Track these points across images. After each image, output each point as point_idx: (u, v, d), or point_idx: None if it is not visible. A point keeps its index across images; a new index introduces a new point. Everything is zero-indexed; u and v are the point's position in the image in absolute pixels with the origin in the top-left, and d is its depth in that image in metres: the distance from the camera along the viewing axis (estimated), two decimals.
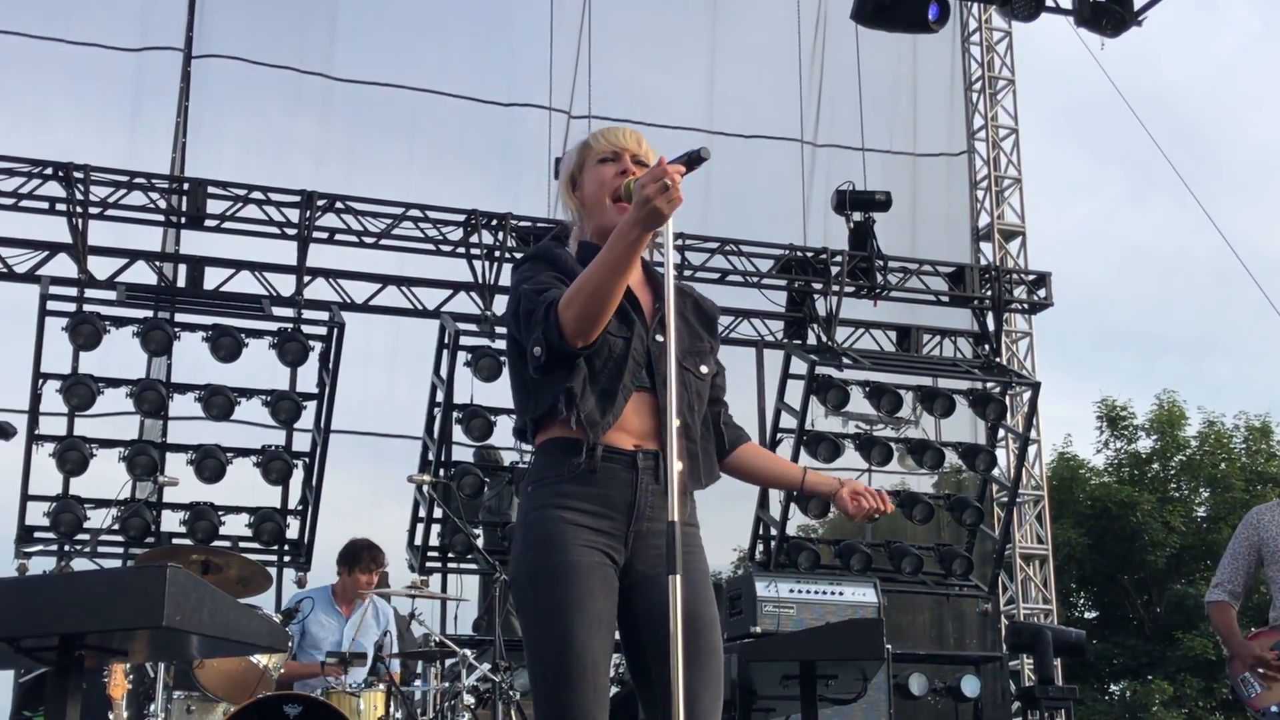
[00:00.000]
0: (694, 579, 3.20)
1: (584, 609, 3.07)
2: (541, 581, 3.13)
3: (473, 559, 10.08)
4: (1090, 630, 23.90)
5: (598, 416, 3.17)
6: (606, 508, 3.17)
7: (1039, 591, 13.52)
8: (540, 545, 3.15)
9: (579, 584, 3.09)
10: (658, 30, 13.65)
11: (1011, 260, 13.86)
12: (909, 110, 14.18)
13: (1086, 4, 10.77)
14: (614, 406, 3.20)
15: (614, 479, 3.18)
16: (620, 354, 3.22)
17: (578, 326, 3.10)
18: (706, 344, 3.43)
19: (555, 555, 3.12)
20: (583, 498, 3.17)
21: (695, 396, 3.33)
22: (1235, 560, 6.35)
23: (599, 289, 3.07)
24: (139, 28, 11.48)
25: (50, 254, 9.92)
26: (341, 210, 10.56)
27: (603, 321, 3.12)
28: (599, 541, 3.15)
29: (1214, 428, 27.23)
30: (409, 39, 12.73)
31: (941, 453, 11.59)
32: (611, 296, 3.09)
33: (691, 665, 3.10)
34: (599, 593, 3.11)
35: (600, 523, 3.16)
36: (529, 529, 3.20)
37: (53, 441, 9.23)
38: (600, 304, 3.08)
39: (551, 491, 3.19)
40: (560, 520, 3.15)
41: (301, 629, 7.37)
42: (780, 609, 9.36)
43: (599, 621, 3.09)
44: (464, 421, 10.06)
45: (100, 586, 3.54)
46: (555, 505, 3.17)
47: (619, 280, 3.08)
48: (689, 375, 3.32)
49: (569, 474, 3.18)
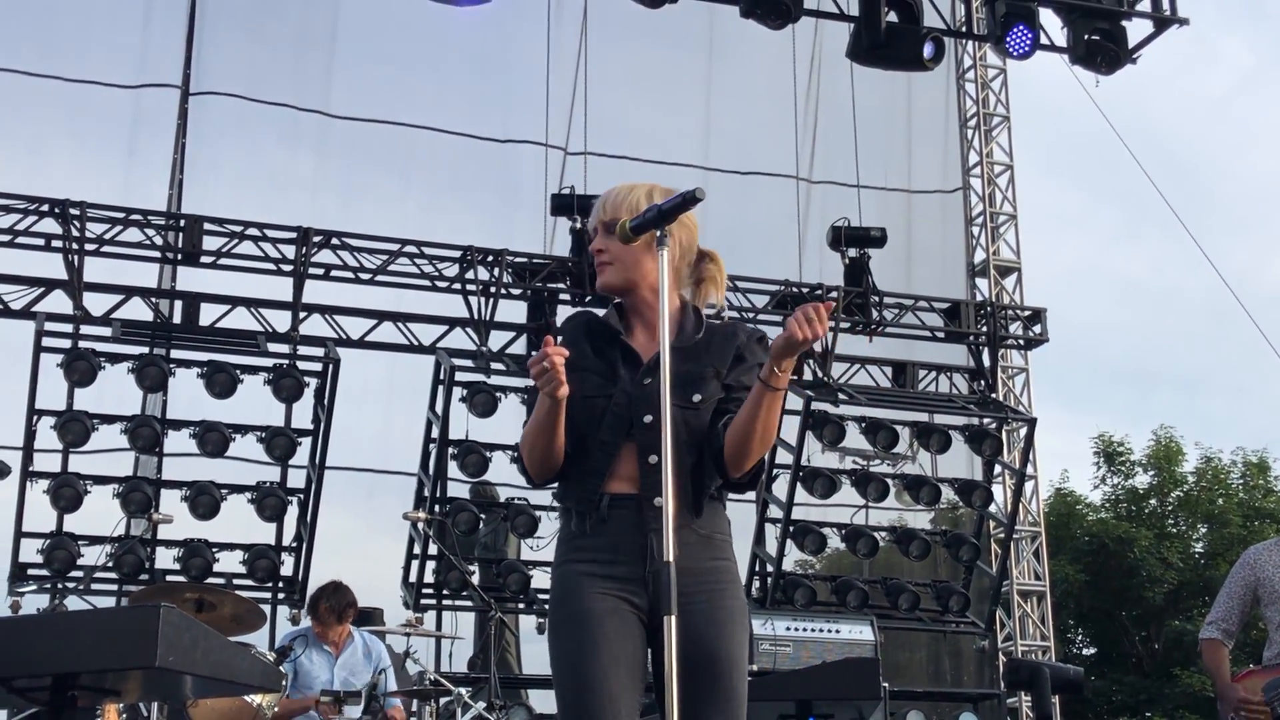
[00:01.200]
0: (718, 617, 3.24)
1: (599, 650, 3.16)
2: (561, 630, 3.24)
3: (468, 596, 10.03)
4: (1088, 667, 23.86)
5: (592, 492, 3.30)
6: (618, 554, 3.25)
7: (1036, 628, 13.48)
8: (560, 598, 3.30)
9: (594, 628, 3.18)
10: (654, 67, 13.70)
11: (1007, 296, 13.88)
12: (904, 147, 14.23)
13: (1081, 42, 10.82)
14: (596, 469, 3.30)
15: (623, 525, 3.26)
16: (599, 414, 3.32)
17: (536, 469, 3.35)
18: (711, 369, 3.39)
19: (572, 605, 3.24)
20: (595, 548, 3.28)
21: (681, 427, 3.29)
22: (1230, 600, 6.33)
23: (533, 447, 3.31)
24: (136, 65, 11.52)
25: (46, 290, 9.91)
26: (337, 246, 10.56)
27: (553, 461, 3.31)
28: (614, 588, 3.23)
29: (1211, 464, 27.23)
30: (405, 76, 12.77)
31: (938, 489, 11.56)
32: (547, 448, 3.29)
33: (708, 706, 3.13)
34: (614, 635, 3.18)
35: (614, 569, 3.24)
36: (553, 585, 3.37)
37: (47, 478, 9.20)
38: (538, 456, 3.32)
39: (570, 547, 3.34)
40: (576, 574, 3.28)
41: (294, 668, 7.33)
42: (777, 647, 9.33)
43: (616, 661, 3.16)
44: (459, 458, 10.04)
45: (93, 626, 3.52)
46: (572, 560, 3.31)
47: (546, 439, 3.27)
48: (675, 409, 3.25)
49: (582, 528, 3.31)
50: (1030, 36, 10.73)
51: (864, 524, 11.36)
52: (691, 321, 3.43)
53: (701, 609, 3.21)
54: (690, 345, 3.37)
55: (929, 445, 11.51)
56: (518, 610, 10.43)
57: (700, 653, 3.14)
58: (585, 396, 3.30)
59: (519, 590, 10.14)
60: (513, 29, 12.89)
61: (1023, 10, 10.68)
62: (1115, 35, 10.91)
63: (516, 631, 10.98)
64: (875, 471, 11.43)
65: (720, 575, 3.30)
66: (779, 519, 11.03)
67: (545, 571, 10.34)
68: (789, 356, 3.17)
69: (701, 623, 3.19)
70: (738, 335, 3.47)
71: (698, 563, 3.24)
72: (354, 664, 7.49)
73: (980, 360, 12.43)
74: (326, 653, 7.54)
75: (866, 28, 10.45)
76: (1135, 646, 26.34)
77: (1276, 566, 6.21)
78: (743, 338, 3.47)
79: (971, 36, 13.09)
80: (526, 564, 10.25)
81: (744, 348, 3.44)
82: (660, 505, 3.14)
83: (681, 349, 3.33)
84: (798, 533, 11.00)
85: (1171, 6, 11.07)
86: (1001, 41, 10.78)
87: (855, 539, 11.22)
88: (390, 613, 9.73)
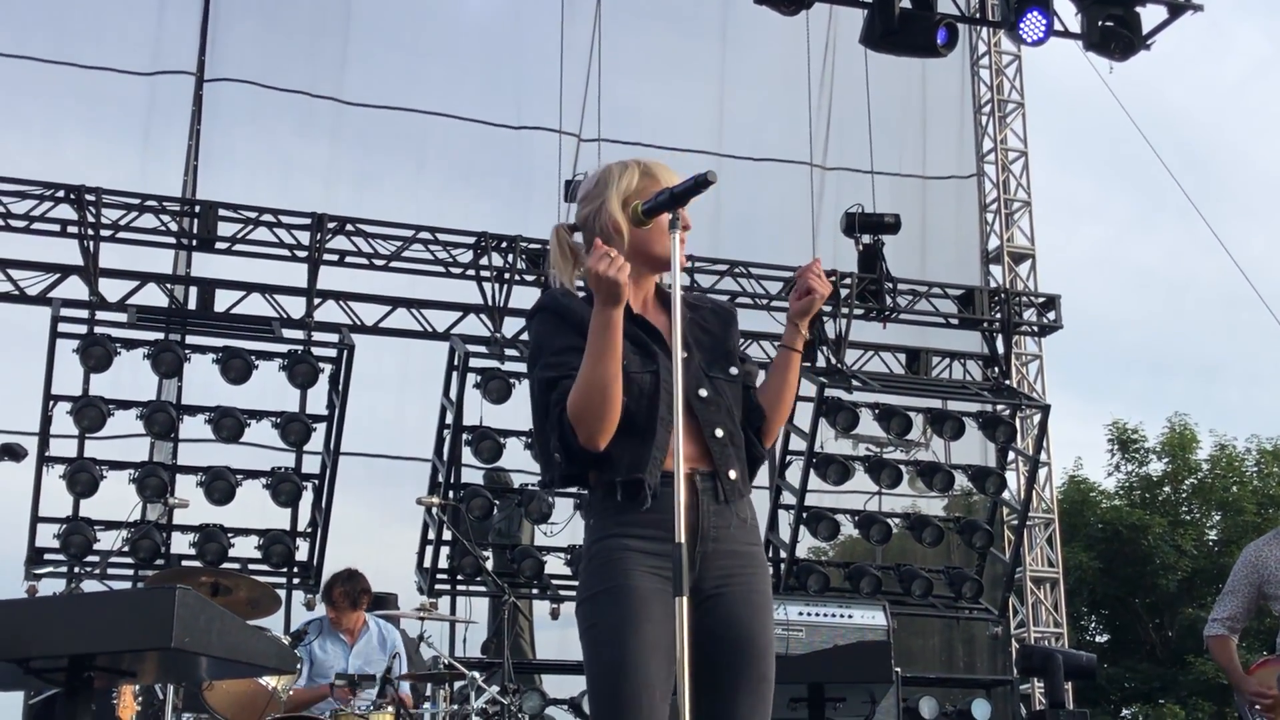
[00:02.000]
0: (753, 601, 3.23)
1: (640, 632, 3.08)
2: (600, 604, 3.15)
3: (481, 581, 10.07)
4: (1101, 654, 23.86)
5: (645, 462, 3.18)
6: (669, 531, 3.04)
7: (1050, 615, 13.48)
8: (601, 571, 3.17)
9: (637, 607, 3.10)
10: (667, 53, 13.70)
11: (1021, 283, 13.86)
12: (918, 133, 14.20)
13: (1095, 28, 10.79)
14: (657, 441, 3.20)
15: (672, 503, 3.08)
16: (651, 389, 3.23)
17: (591, 429, 3.13)
18: (732, 344, 3.42)
19: (614, 579, 3.14)
20: (645, 524, 3.16)
21: (734, 402, 3.33)
22: (1235, 596, 6.34)
23: (595, 383, 3.10)
24: (151, 52, 11.55)
25: (62, 276, 9.96)
26: (352, 233, 10.59)
27: (614, 414, 3.13)
28: (663, 567, 3.10)
29: (1225, 451, 27.17)
30: (419, 63, 12.78)
31: (951, 475, 11.56)
32: (608, 386, 3.11)
33: (743, 690, 3.14)
34: (657, 617, 3.09)
35: (661, 546, 3.10)
36: (592, 558, 3.21)
37: (63, 463, 9.24)
38: (603, 398, 3.11)
39: (614, 521, 3.20)
40: (623, 548, 3.16)
41: (309, 655, 7.35)
42: (789, 631, 9.35)
43: (655, 645, 3.08)
44: (473, 444, 10.07)
45: (110, 608, 3.55)
46: (618, 534, 3.18)
47: (609, 369, 3.10)
48: (720, 383, 3.31)
49: (629, 504, 3.18)
50: (1045, 22, 10.71)
51: (877, 510, 11.37)
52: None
53: (740, 592, 3.20)
54: (694, 320, 3.38)
55: (942, 432, 11.51)
56: (531, 596, 10.46)
57: (736, 634, 3.13)
58: (631, 372, 3.20)
59: (533, 576, 10.17)
60: (526, 15, 12.90)
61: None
62: (1129, 21, 10.88)
63: (530, 617, 11.01)
64: (889, 458, 11.44)
65: (756, 560, 3.29)
66: (792, 505, 11.04)
67: (559, 557, 10.38)
68: (807, 316, 3.27)
69: (739, 605, 3.17)
70: (732, 313, 3.52)
71: (739, 545, 3.23)
72: (369, 652, 7.51)
73: (994, 347, 12.42)
74: (342, 642, 7.56)
75: (880, 13, 10.44)
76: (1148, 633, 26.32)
77: (1279, 562, 6.21)
78: (734, 315, 3.53)
79: (985, 22, 13.05)
80: (540, 549, 10.28)
81: (737, 325, 3.50)
82: (735, 477, 3.22)
83: (692, 324, 3.37)
84: (811, 519, 11.01)
85: None
86: (1015, 27, 10.76)
87: (868, 525, 11.23)
88: (404, 598, 9.75)
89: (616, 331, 3.10)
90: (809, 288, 3.24)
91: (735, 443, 3.29)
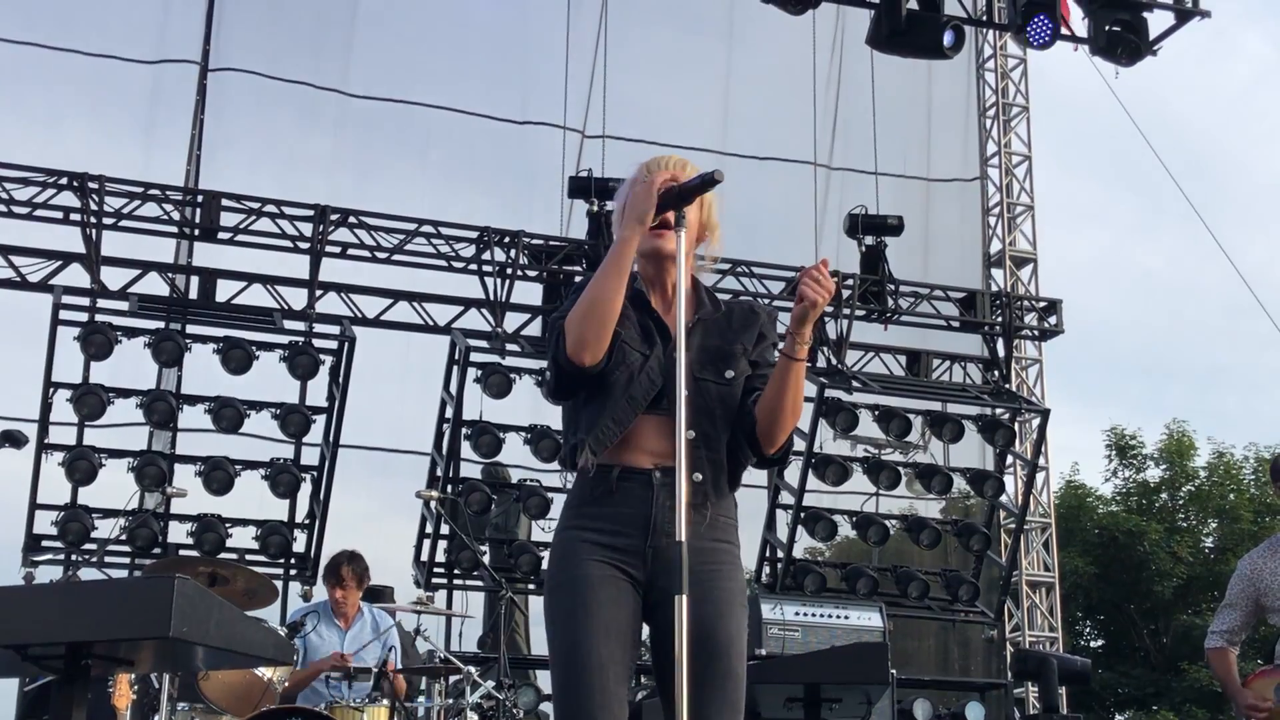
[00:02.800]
0: (716, 597, 3.25)
1: (591, 614, 3.19)
2: (556, 593, 3.28)
3: (478, 576, 10.07)
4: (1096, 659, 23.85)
5: (607, 439, 3.27)
6: (622, 525, 3.26)
7: (1045, 619, 13.49)
8: (558, 562, 3.31)
9: (588, 593, 3.21)
10: (673, 51, 13.70)
11: (1022, 286, 13.87)
12: (923, 134, 14.20)
13: (1102, 32, 10.78)
14: (617, 416, 3.27)
15: (630, 498, 3.26)
16: (635, 367, 3.30)
17: (580, 336, 3.21)
18: (739, 346, 3.42)
19: (569, 570, 3.26)
20: (600, 518, 3.28)
21: (717, 403, 3.35)
22: (1234, 610, 6.33)
23: (596, 295, 3.20)
24: (155, 40, 11.55)
25: (63, 264, 9.95)
26: (354, 225, 10.58)
27: (604, 333, 3.21)
28: (614, 558, 3.25)
29: (1223, 458, 27.15)
30: (424, 56, 12.79)
31: (950, 478, 11.56)
32: (608, 302, 3.20)
33: (705, 686, 3.12)
34: (609, 601, 3.21)
35: (616, 540, 3.25)
36: (553, 549, 3.38)
37: (62, 451, 9.24)
38: (599, 310, 3.19)
39: (574, 514, 3.33)
40: (577, 540, 3.28)
41: (304, 643, 7.36)
42: (786, 631, 9.35)
43: (608, 628, 3.18)
44: (473, 438, 10.07)
45: (108, 596, 3.54)
46: (575, 526, 3.31)
47: (612, 283, 3.20)
48: (708, 384, 3.34)
49: (590, 496, 3.30)
50: (1051, 26, 10.69)
51: (875, 512, 11.37)
52: (706, 296, 3.47)
53: (702, 589, 3.19)
54: (712, 321, 3.41)
55: (941, 434, 11.51)
56: (528, 591, 10.46)
57: (698, 632, 3.10)
58: (625, 342, 3.29)
59: (530, 571, 10.17)
60: (532, 10, 12.91)
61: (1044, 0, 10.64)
62: (1136, 26, 10.86)
63: (526, 612, 11.00)
64: (887, 459, 11.45)
65: (720, 556, 3.31)
66: (790, 505, 11.04)
67: None
68: (806, 324, 3.25)
69: (701, 602, 3.16)
70: (758, 314, 3.53)
71: (698, 541, 3.22)
72: (363, 638, 7.52)
73: (994, 350, 12.42)
74: (337, 626, 7.57)
75: (887, 14, 10.41)
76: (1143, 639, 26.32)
77: (1274, 574, 6.19)
78: (763, 316, 3.53)
79: (992, 25, 13.02)
80: (538, 545, 10.27)
81: (765, 326, 3.50)
82: (701, 480, 3.25)
83: (706, 323, 3.39)
84: (809, 519, 11.01)
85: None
86: (1022, 31, 10.74)
87: (866, 526, 11.23)
88: (401, 591, 9.76)
89: (628, 250, 3.23)
90: (801, 295, 3.23)
91: (709, 445, 3.32)
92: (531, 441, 10.16)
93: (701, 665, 3.13)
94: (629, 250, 3.23)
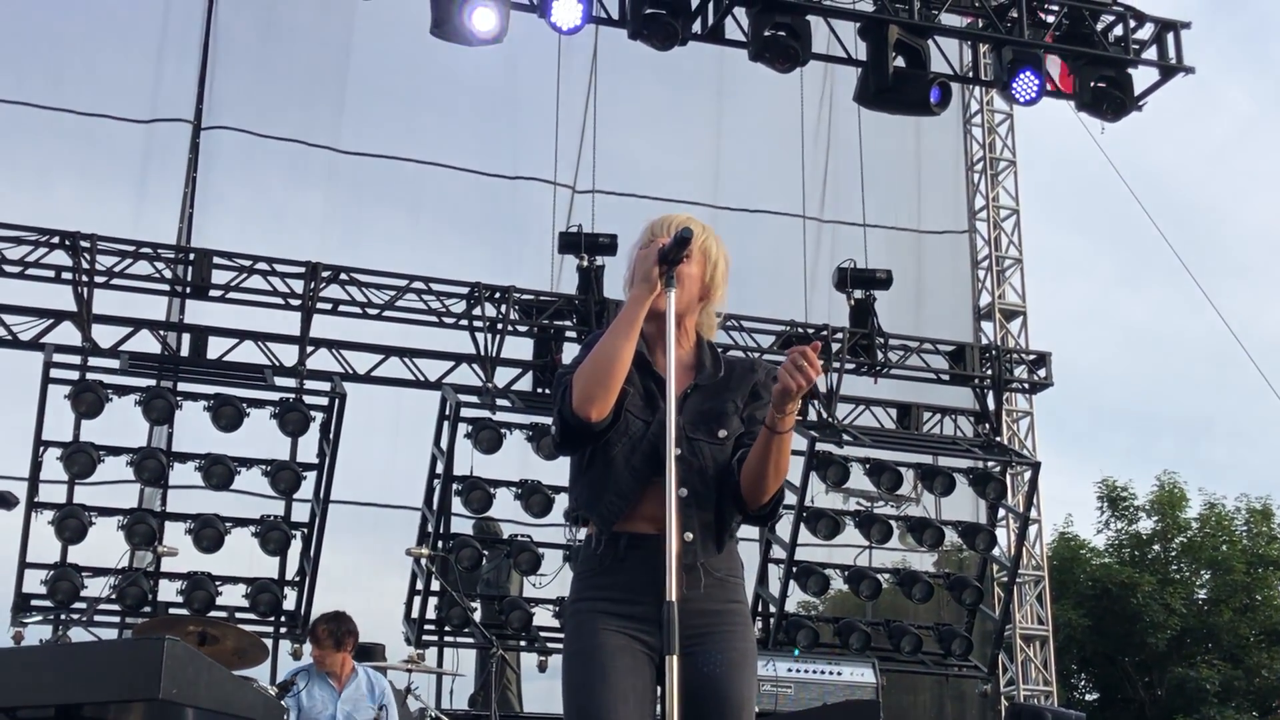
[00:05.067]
0: (731, 659, 3.28)
1: (609, 683, 3.19)
2: (574, 664, 3.28)
3: (469, 633, 10.02)
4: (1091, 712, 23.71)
5: (613, 515, 3.29)
6: (634, 593, 3.26)
7: (1039, 672, 13.43)
8: (574, 632, 3.33)
9: (605, 662, 3.22)
10: (663, 106, 13.77)
11: (1012, 340, 13.89)
12: (913, 188, 14.27)
13: (1088, 89, 10.86)
14: (621, 490, 3.29)
15: (639, 566, 3.26)
16: (637, 437, 3.32)
17: (587, 391, 3.22)
18: (732, 404, 3.43)
19: (584, 640, 3.27)
20: (612, 587, 3.30)
21: (710, 462, 3.36)
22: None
23: (604, 353, 3.22)
24: (149, 99, 11.60)
25: (55, 322, 9.96)
26: (345, 281, 10.61)
27: (611, 389, 3.22)
28: (629, 627, 3.25)
29: (1215, 509, 27.10)
30: (415, 113, 12.83)
31: (941, 531, 11.55)
32: (616, 360, 3.21)
33: None
34: (625, 669, 3.22)
35: (630, 609, 3.26)
36: (568, 619, 3.39)
37: (52, 509, 9.22)
38: (607, 368, 3.21)
39: (587, 584, 3.35)
40: (592, 611, 3.30)
41: (296, 704, 7.31)
42: (779, 688, 9.31)
43: (625, 694, 3.19)
44: (463, 493, 10.05)
45: (97, 658, 3.53)
46: (588, 597, 3.33)
47: (621, 342, 3.22)
48: (701, 444, 3.34)
49: (599, 567, 3.32)
50: (1037, 82, 10.77)
51: (867, 565, 11.35)
52: (709, 357, 3.47)
53: (715, 651, 3.24)
54: (711, 382, 3.42)
55: (933, 487, 11.50)
56: (519, 648, 10.41)
57: (713, 693, 3.17)
58: (628, 410, 3.31)
59: (521, 627, 10.12)
60: (523, 67, 12.95)
61: (1029, 56, 10.73)
62: (1121, 83, 10.95)
63: (518, 669, 10.95)
64: (879, 513, 11.43)
65: (734, 618, 3.33)
66: (782, 559, 11.02)
67: (547, 609, 10.34)
68: (787, 403, 3.22)
69: (714, 663, 3.22)
70: (756, 371, 3.53)
71: (713, 604, 3.27)
72: (357, 699, 7.46)
73: (985, 403, 12.44)
74: (330, 687, 7.50)
75: (874, 72, 10.49)
76: (1138, 692, 26.18)
77: None
78: (760, 375, 3.52)
79: (978, 82, 13.13)
80: (529, 601, 10.24)
81: (761, 385, 3.49)
82: (691, 540, 3.26)
83: (704, 388, 3.40)
84: (801, 573, 10.98)
85: (1178, 55, 11.11)
86: (1008, 87, 10.82)
87: (858, 580, 11.20)
88: (392, 648, 9.69)
89: (638, 312, 3.25)
90: (781, 382, 3.19)
91: (700, 504, 3.33)
92: (522, 496, 10.14)
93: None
94: (639, 311, 3.25)
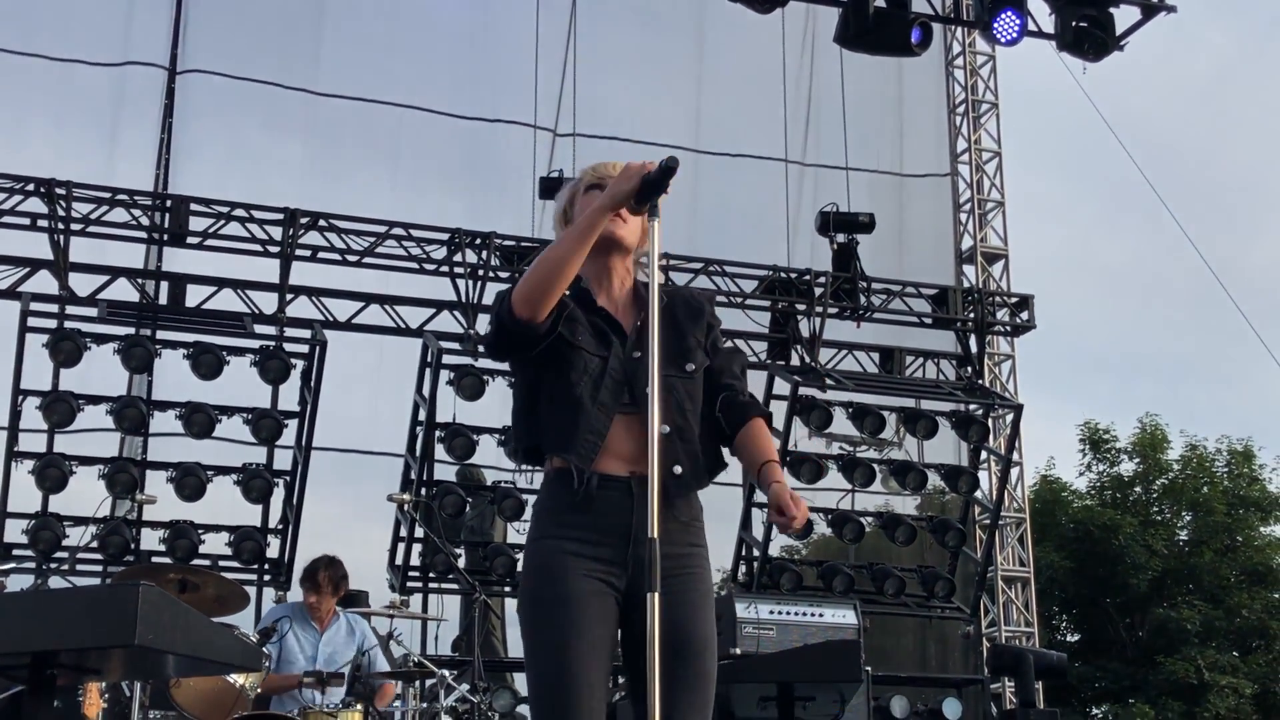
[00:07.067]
0: (690, 599, 3.26)
1: (580, 636, 3.16)
2: (541, 610, 3.22)
3: (453, 579, 10.01)
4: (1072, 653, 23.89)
5: (590, 453, 3.24)
6: (603, 534, 3.23)
7: (1021, 614, 13.51)
8: (540, 574, 3.25)
9: (576, 613, 3.18)
10: (643, 49, 13.67)
11: (994, 283, 13.88)
12: (895, 131, 14.21)
13: (1069, 28, 10.80)
14: (594, 427, 3.25)
15: (609, 506, 3.24)
16: (597, 373, 3.28)
17: (528, 290, 3.18)
18: (693, 339, 3.43)
19: (554, 585, 3.21)
20: (580, 526, 3.24)
21: (686, 398, 3.36)
22: None
23: (552, 255, 3.19)
24: (120, 43, 11.45)
25: (31, 270, 9.87)
26: (325, 228, 10.53)
27: (554, 291, 3.17)
28: (597, 569, 3.22)
29: (1196, 451, 27.25)
30: (393, 56, 12.72)
31: (924, 474, 11.58)
32: (566, 264, 3.18)
33: (678, 688, 3.13)
34: (595, 620, 3.19)
35: (598, 550, 3.22)
36: (530, 556, 3.31)
37: (32, 458, 9.17)
38: (552, 270, 3.18)
39: (552, 521, 3.28)
40: (559, 550, 3.24)
41: (279, 646, 7.31)
42: (760, 630, 9.34)
43: (594, 648, 3.17)
44: (446, 440, 10.03)
45: (72, 604, 3.51)
46: (554, 535, 3.26)
47: (575, 248, 3.19)
48: (674, 380, 3.33)
49: (567, 503, 3.25)
50: (1018, 22, 10.70)
51: (850, 509, 11.39)
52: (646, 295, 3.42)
53: (677, 592, 3.21)
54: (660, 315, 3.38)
55: (915, 431, 11.52)
56: (503, 594, 10.42)
57: (675, 635, 3.13)
58: (581, 347, 3.28)
59: (505, 574, 10.13)
60: (501, 10, 12.86)
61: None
62: (1103, 22, 10.89)
63: (501, 615, 10.97)
64: (862, 457, 11.46)
65: (694, 559, 3.33)
66: (766, 503, 11.01)
67: None
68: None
69: (676, 605, 3.18)
70: (702, 304, 3.54)
71: (676, 547, 3.25)
72: (337, 642, 7.47)
73: (967, 346, 12.44)
74: (312, 629, 7.51)
75: (855, 12, 10.41)
76: (1119, 633, 26.39)
77: None
78: (706, 306, 3.54)
79: (960, 22, 13.06)
80: (512, 547, 10.24)
81: (710, 315, 3.52)
82: (681, 473, 3.26)
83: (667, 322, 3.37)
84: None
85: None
86: (989, 27, 10.76)
87: (841, 524, 11.24)
88: (375, 595, 9.70)
89: (598, 223, 3.21)
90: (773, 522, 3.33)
91: (684, 437, 3.32)
92: (505, 444, 10.11)
93: (677, 667, 3.14)
94: (599, 225, 3.22)
